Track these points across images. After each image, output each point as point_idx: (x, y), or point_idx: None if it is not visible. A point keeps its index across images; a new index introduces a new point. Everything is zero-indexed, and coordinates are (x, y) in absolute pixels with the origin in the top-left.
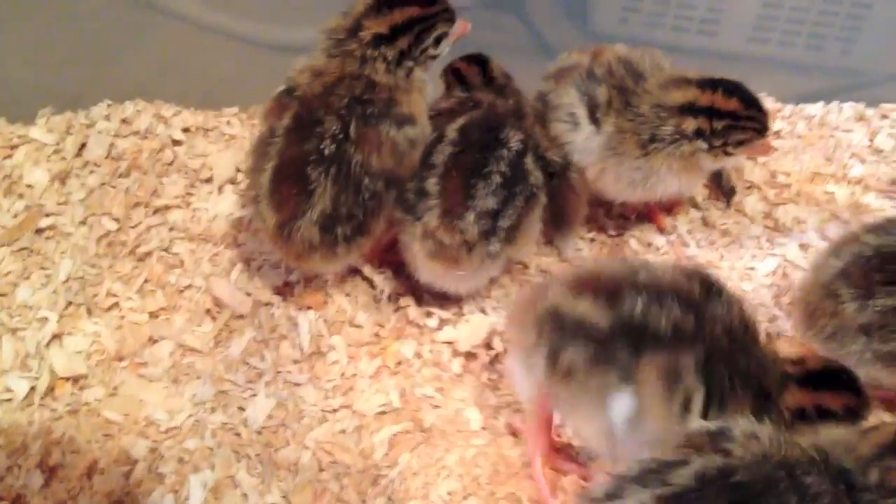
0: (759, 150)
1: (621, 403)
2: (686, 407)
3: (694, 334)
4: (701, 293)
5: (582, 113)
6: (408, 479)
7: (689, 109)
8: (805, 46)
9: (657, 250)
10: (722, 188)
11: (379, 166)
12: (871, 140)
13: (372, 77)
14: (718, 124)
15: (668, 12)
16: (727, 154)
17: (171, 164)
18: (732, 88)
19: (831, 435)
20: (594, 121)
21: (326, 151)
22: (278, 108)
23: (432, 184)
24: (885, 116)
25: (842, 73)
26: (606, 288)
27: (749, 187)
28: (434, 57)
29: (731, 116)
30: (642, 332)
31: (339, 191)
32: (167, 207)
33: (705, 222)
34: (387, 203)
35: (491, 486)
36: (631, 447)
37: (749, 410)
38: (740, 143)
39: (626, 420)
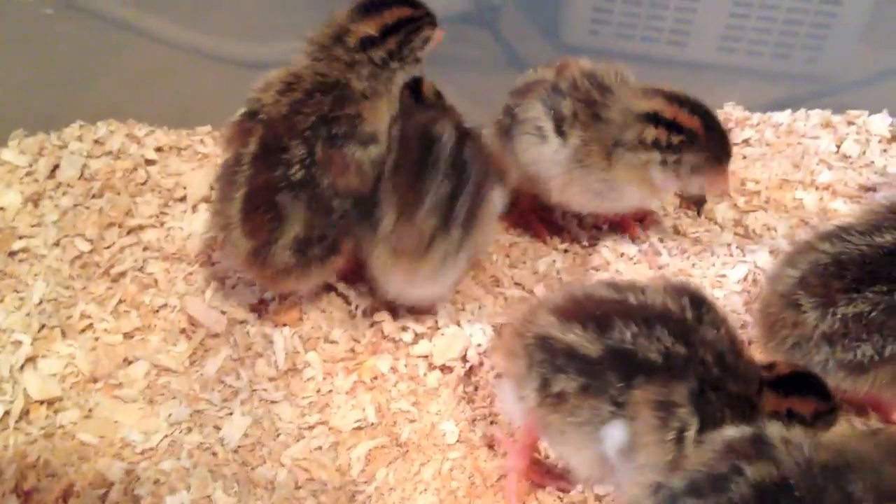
0: (714, 181)
1: (614, 434)
2: (680, 438)
3: (686, 362)
4: (692, 317)
5: (548, 126)
6: (385, 494)
7: (652, 118)
8: (772, 55)
9: (630, 259)
10: (692, 197)
11: (345, 187)
12: (838, 146)
13: (351, 84)
14: (675, 138)
15: (637, 23)
16: (677, 175)
17: (144, 183)
18: (700, 110)
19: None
20: (560, 133)
21: (295, 177)
22: (242, 133)
23: (383, 191)
24: (851, 123)
25: (809, 81)
26: (595, 315)
27: (719, 195)
28: (418, 60)
29: (689, 134)
30: (633, 360)
31: (311, 215)
32: (141, 227)
33: (677, 231)
34: (354, 220)
35: (468, 499)
36: (622, 476)
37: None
38: (694, 170)
39: (619, 450)
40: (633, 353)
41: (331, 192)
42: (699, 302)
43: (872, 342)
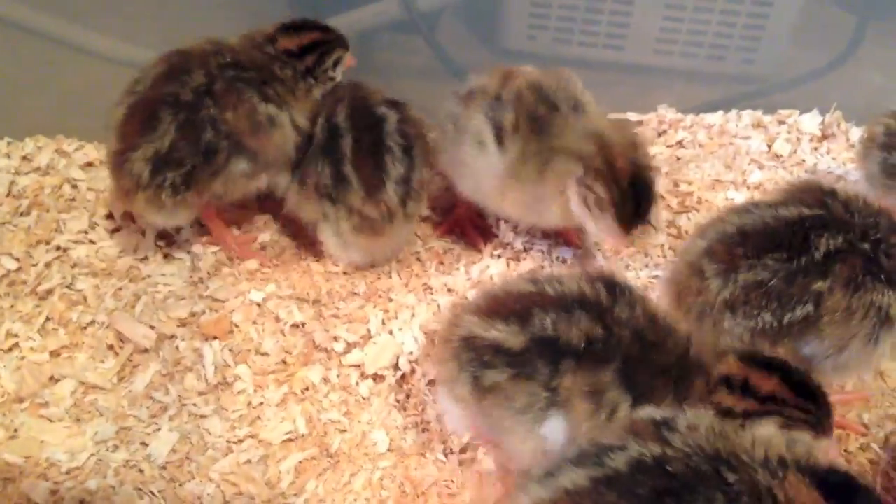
0: (611, 236)
1: (551, 423)
2: (611, 417)
3: (605, 343)
4: (607, 298)
5: (489, 137)
6: None
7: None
8: (707, 57)
9: (564, 263)
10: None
11: (233, 125)
12: (770, 146)
13: (275, 69)
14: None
15: (574, 28)
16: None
17: (73, 199)
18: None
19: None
20: (500, 145)
21: (182, 98)
22: (161, 60)
23: (349, 170)
24: (782, 122)
25: (743, 82)
26: (515, 309)
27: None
28: (332, 79)
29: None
30: (557, 346)
31: (179, 137)
32: (70, 244)
33: None
34: (226, 170)
35: None
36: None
37: (670, 398)
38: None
39: (558, 438)
40: (556, 340)
41: (208, 124)
42: (612, 285)
43: (772, 310)
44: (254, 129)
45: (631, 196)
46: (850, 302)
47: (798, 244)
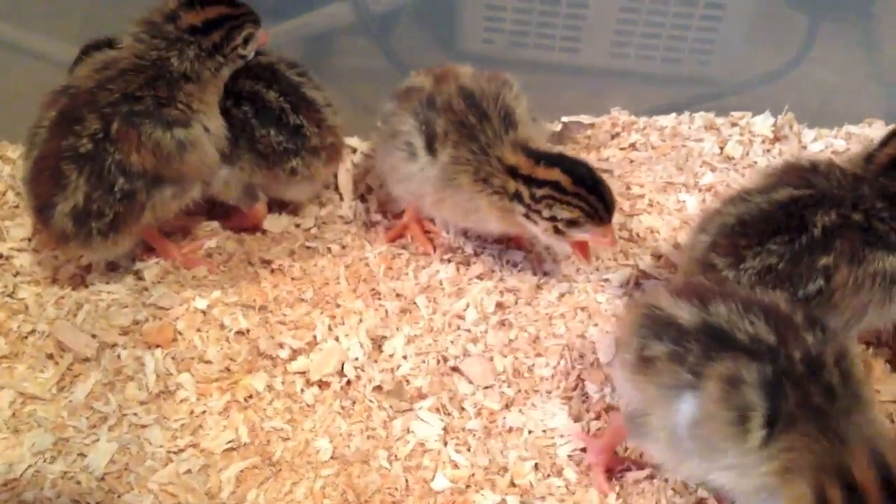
0: (600, 239)
1: (685, 407)
2: (744, 422)
3: (770, 350)
4: (801, 321)
5: (419, 143)
6: None
7: (513, 172)
8: (663, 59)
9: (514, 266)
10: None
11: (140, 166)
12: (722, 148)
13: (171, 63)
14: (538, 192)
15: (529, 31)
16: (557, 231)
17: (16, 207)
18: (559, 162)
19: None
20: (431, 151)
21: (82, 150)
22: (50, 103)
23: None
24: (734, 124)
25: (698, 84)
26: (701, 294)
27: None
28: (243, 57)
29: (553, 187)
30: (721, 335)
31: (91, 189)
32: (12, 252)
33: None
34: (151, 203)
35: None
36: (690, 454)
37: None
38: (572, 224)
39: (689, 423)
40: (723, 329)
41: (117, 171)
42: (814, 317)
43: (785, 291)
44: (165, 161)
45: (579, 189)
46: (856, 275)
47: (796, 225)
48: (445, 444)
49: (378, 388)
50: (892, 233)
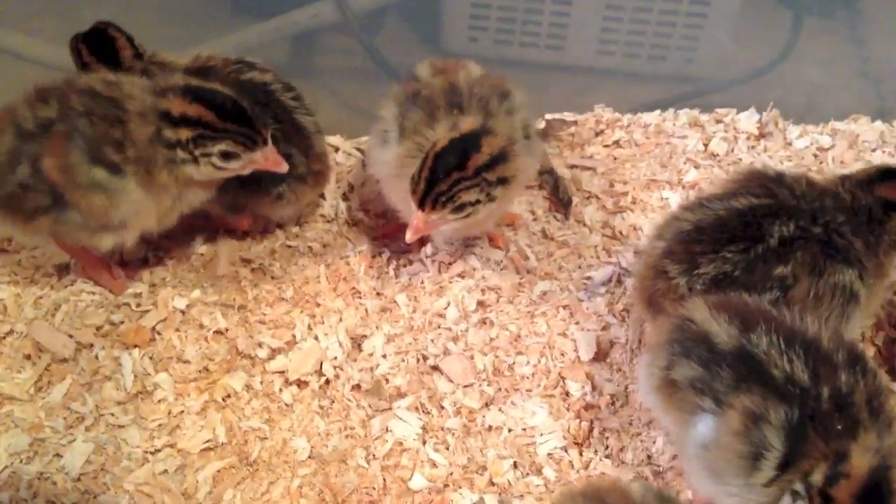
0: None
1: (702, 427)
2: (757, 459)
3: (801, 392)
4: (841, 359)
5: (393, 133)
6: None
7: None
8: (648, 57)
9: (497, 264)
10: (560, 199)
11: (46, 172)
12: (706, 145)
13: (131, 124)
14: None
15: (514, 29)
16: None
17: None
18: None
19: None
20: (399, 142)
21: (25, 125)
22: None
23: None
24: (719, 121)
25: (683, 82)
26: (744, 315)
27: (588, 197)
28: (219, 168)
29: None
30: (756, 367)
31: (6, 161)
32: None
33: (545, 234)
34: (56, 216)
35: None
36: (700, 474)
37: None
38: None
39: (701, 442)
40: (759, 361)
41: (29, 159)
42: (855, 352)
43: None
44: (70, 187)
45: (428, 170)
46: (817, 287)
47: (752, 234)
48: (424, 443)
49: (357, 387)
50: (850, 247)
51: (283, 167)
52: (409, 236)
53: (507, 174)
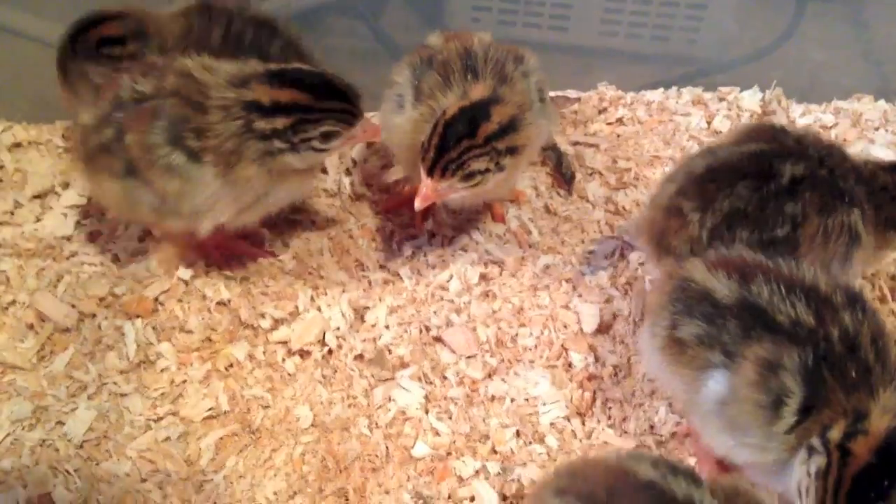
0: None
1: (714, 384)
2: (777, 406)
3: (810, 333)
4: (840, 300)
5: (408, 97)
6: (234, 482)
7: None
8: (651, 38)
9: (500, 238)
10: (563, 175)
11: (129, 147)
12: (710, 122)
13: (212, 117)
14: None
15: (518, 9)
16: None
17: (0, 180)
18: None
19: None
20: (415, 106)
21: (122, 93)
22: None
23: None
24: (722, 99)
25: (686, 63)
26: (742, 269)
27: (591, 174)
28: (320, 150)
29: None
30: (761, 316)
31: (98, 122)
32: None
33: (548, 210)
34: (125, 181)
35: (318, 483)
36: (717, 430)
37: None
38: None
39: (717, 400)
40: (763, 310)
41: (116, 128)
42: (854, 296)
43: (752, 234)
44: (146, 164)
45: (437, 138)
46: (825, 225)
47: (764, 172)
48: (427, 411)
49: (359, 357)
50: (853, 192)
51: (380, 136)
52: (419, 204)
53: (516, 143)
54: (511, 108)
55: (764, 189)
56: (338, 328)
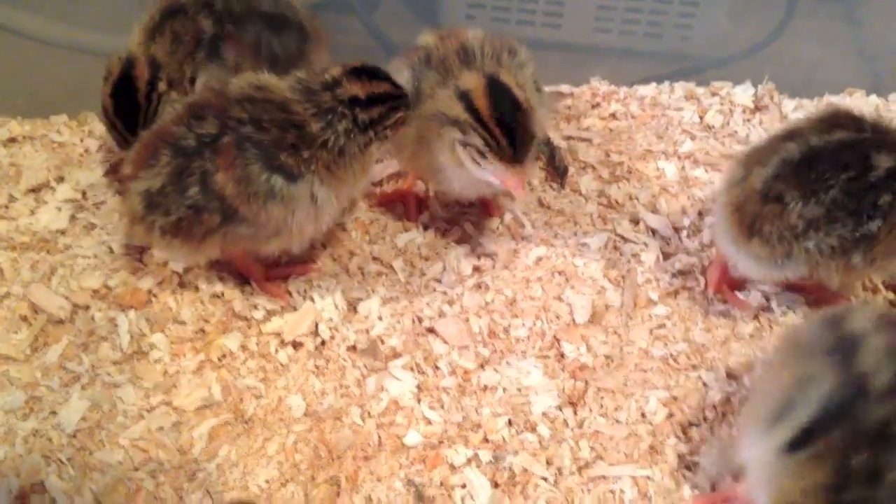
0: (504, 179)
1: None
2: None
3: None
4: None
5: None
6: (226, 470)
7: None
8: (645, 34)
9: (493, 231)
10: (556, 169)
11: (222, 187)
12: (702, 117)
13: (311, 126)
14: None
15: (511, 7)
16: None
17: None
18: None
19: None
20: (417, 106)
21: (184, 142)
22: (204, 89)
23: None
24: (714, 94)
25: (679, 59)
26: None
27: (584, 167)
28: (386, 137)
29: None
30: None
31: (168, 182)
32: None
33: (541, 203)
34: (223, 231)
35: (311, 471)
36: None
37: None
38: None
39: None
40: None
41: (199, 178)
42: None
43: (847, 226)
44: (245, 198)
45: (499, 130)
46: None
47: (860, 163)
48: (419, 401)
49: (352, 348)
50: None
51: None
52: (522, 195)
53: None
54: (510, 74)
55: (862, 181)
56: (330, 319)
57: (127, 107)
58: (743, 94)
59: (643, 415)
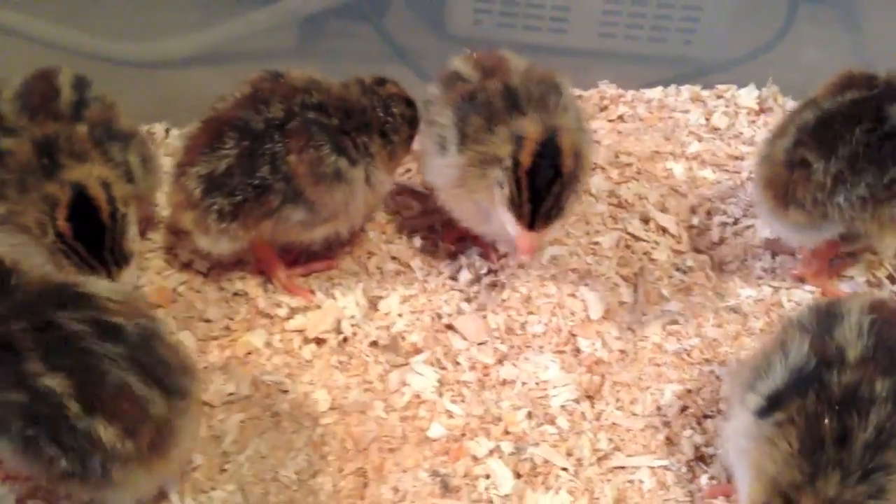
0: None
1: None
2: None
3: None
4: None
5: (452, 139)
6: (256, 462)
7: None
8: (649, 39)
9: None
10: None
11: (293, 169)
12: (708, 119)
13: (377, 111)
14: None
15: (518, 12)
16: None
17: None
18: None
19: None
20: (460, 150)
21: (252, 124)
22: (250, 82)
23: None
24: (720, 97)
25: (683, 63)
26: None
27: (594, 169)
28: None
29: None
30: None
31: (236, 164)
32: None
33: None
34: (278, 214)
35: (339, 462)
36: None
37: None
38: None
39: None
40: None
41: (268, 160)
42: None
43: (873, 175)
44: (314, 179)
45: (528, 190)
46: None
47: (874, 115)
48: (441, 395)
49: (374, 344)
50: None
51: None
52: (526, 259)
53: (585, 165)
54: (570, 133)
55: (878, 131)
56: (352, 316)
57: (88, 229)
58: (747, 96)
59: (658, 407)
